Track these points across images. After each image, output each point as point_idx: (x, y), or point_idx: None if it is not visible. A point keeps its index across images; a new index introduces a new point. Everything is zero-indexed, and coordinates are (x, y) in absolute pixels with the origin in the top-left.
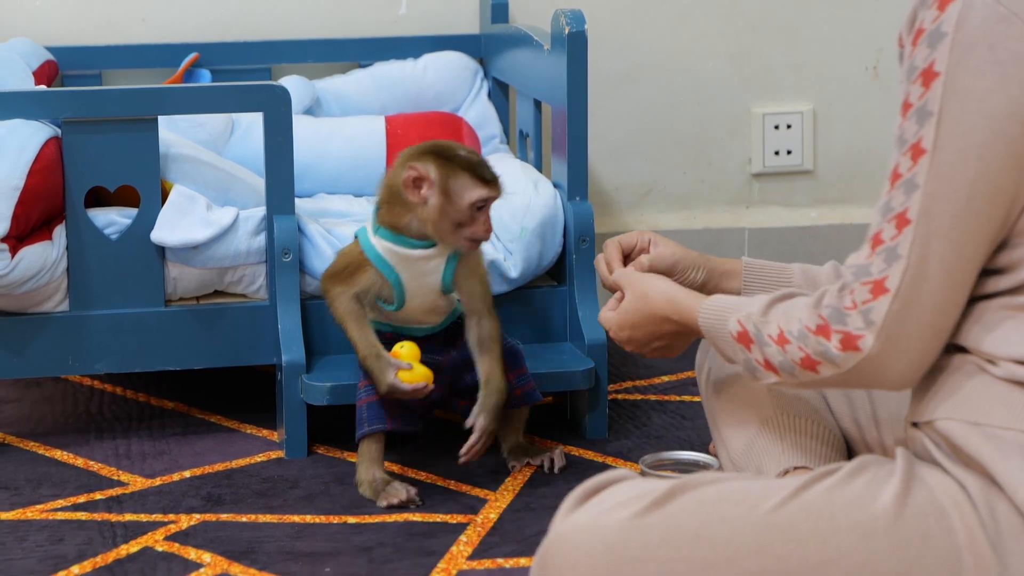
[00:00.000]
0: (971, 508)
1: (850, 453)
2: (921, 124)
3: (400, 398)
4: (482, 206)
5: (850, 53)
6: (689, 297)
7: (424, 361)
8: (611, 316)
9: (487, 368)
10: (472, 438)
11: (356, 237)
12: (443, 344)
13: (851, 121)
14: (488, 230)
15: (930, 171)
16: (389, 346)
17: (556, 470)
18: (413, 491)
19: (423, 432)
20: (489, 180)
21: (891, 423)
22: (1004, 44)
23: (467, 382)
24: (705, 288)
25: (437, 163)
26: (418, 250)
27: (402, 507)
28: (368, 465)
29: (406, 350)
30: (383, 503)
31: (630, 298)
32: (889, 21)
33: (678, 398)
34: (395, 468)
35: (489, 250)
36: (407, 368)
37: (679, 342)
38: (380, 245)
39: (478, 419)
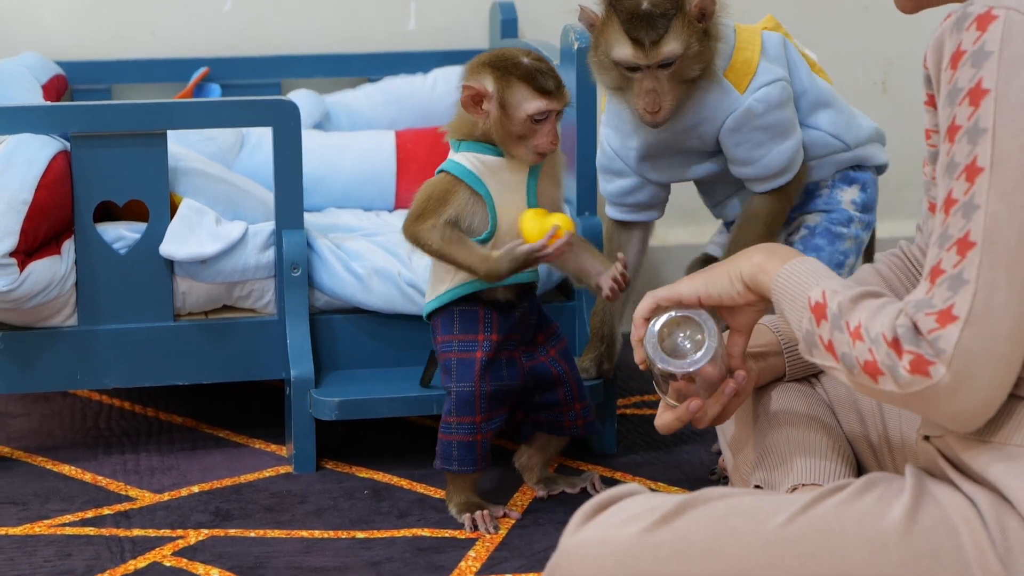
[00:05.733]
0: (981, 525)
1: (860, 472)
2: (974, 143)
3: (546, 257)
4: (542, 118)
5: (858, 67)
6: (784, 252)
7: (500, 388)
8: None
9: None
10: (612, 281)
11: (439, 172)
12: (515, 361)
13: None
14: (553, 141)
15: (991, 189)
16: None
17: (599, 489)
18: (492, 524)
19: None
20: (548, 91)
21: (903, 446)
22: None
23: (538, 400)
24: None
25: (495, 75)
26: (500, 158)
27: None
28: (458, 490)
29: (524, 221)
30: (467, 526)
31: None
32: (897, 36)
33: None
34: (404, 483)
35: None
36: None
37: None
38: (466, 159)
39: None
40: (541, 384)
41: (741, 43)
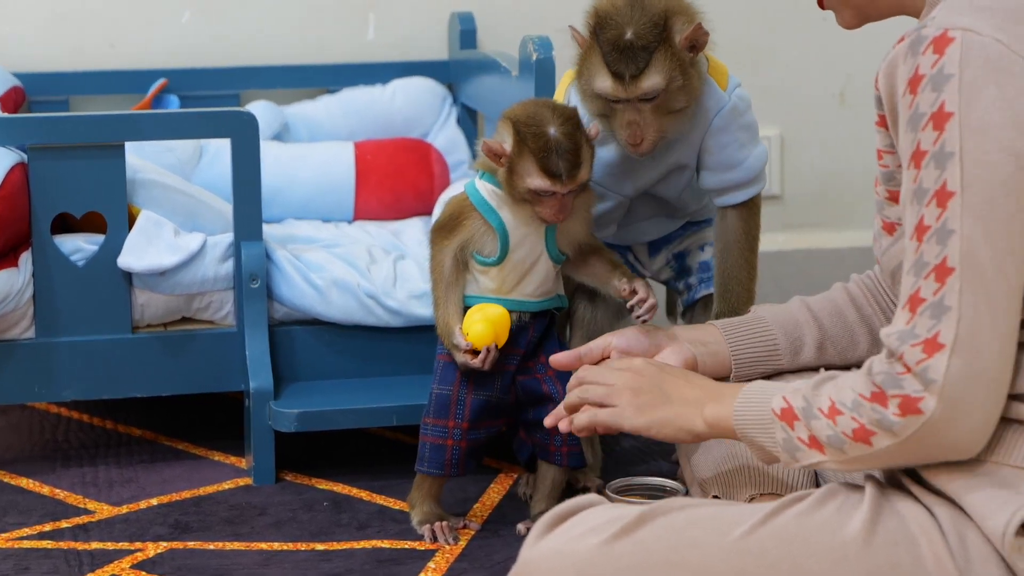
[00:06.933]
0: (940, 536)
1: (819, 482)
2: (942, 168)
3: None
4: (544, 195)
5: (817, 79)
6: (731, 389)
7: (488, 399)
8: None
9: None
10: (641, 297)
11: (465, 187)
12: (508, 375)
13: (818, 146)
14: (555, 215)
15: (963, 212)
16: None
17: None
18: (451, 535)
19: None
20: (555, 174)
21: None
22: (1011, 82)
23: (531, 416)
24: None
25: (514, 136)
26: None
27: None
28: (423, 497)
29: (478, 318)
30: (427, 537)
31: (673, 349)
32: (857, 47)
33: None
34: (364, 495)
35: None
36: (479, 328)
37: (669, 411)
38: (485, 189)
39: (636, 283)
40: (531, 399)
41: None
